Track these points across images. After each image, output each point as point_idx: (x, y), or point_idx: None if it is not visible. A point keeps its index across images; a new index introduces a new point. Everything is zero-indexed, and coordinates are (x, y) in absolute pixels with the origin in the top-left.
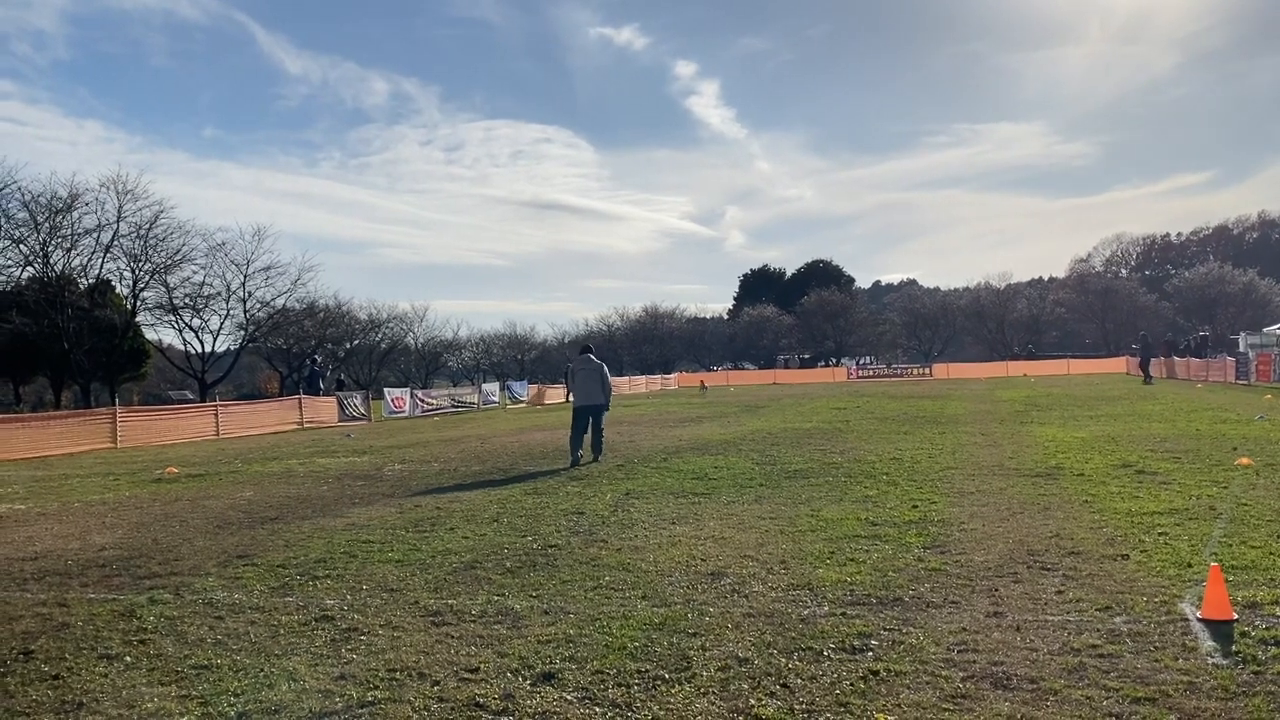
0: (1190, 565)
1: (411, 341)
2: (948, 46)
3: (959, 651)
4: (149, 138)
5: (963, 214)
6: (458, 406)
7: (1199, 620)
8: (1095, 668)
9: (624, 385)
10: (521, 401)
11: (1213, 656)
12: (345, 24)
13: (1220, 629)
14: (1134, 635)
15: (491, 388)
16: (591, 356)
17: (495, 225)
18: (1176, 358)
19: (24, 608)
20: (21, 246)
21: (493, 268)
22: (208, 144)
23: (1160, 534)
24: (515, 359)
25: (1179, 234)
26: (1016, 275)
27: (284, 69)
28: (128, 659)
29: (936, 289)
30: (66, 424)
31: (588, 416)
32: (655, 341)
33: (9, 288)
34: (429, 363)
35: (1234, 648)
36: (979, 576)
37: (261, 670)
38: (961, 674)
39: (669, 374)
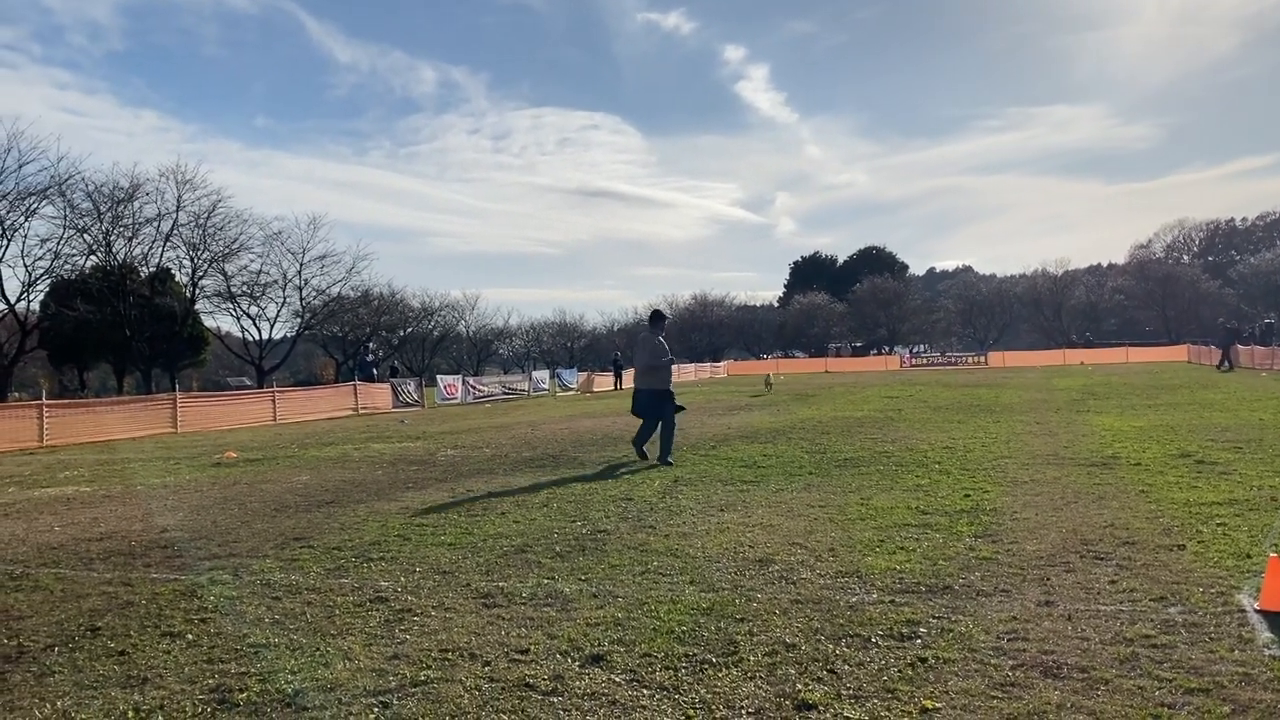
0: (1249, 556)
1: (463, 329)
2: (1000, 27)
3: (1009, 640)
4: (203, 127)
5: (1019, 199)
6: (508, 394)
7: (1256, 612)
8: (1148, 658)
9: (673, 373)
10: (571, 389)
11: (1270, 648)
12: (393, 12)
13: (1278, 620)
14: (1189, 626)
15: (542, 375)
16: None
17: (544, 213)
18: (1240, 345)
19: (91, 586)
20: (85, 236)
21: (542, 256)
22: (260, 133)
23: (1219, 524)
24: (565, 347)
25: (1244, 219)
26: (1074, 262)
27: (333, 58)
28: (189, 636)
29: (992, 276)
30: (129, 409)
31: (643, 404)
32: (704, 329)
33: (74, 276)
34: (480, 350)
35: None
36: (1031, 566)
37: (318, 649)
38: (1011, 662)
39: (718, 362)
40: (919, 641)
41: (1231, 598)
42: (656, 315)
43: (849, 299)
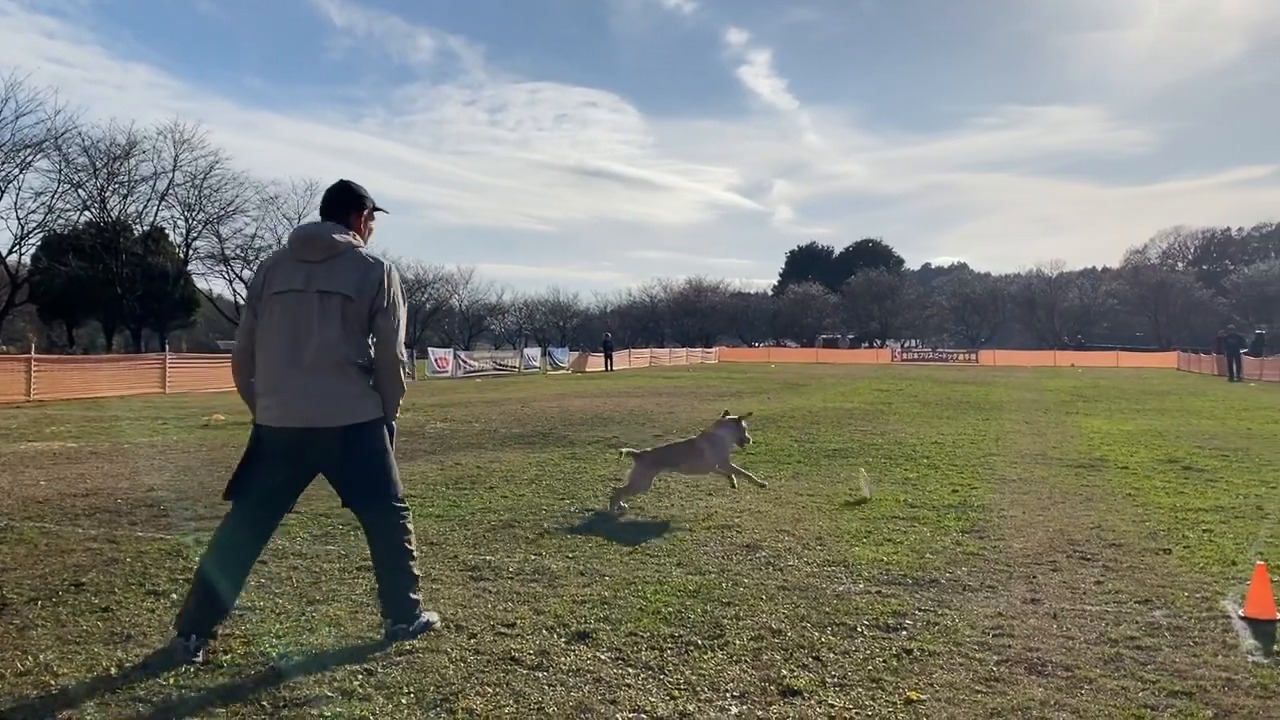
0: (1234, 563)
1: (456, 303)
2: (1000, 25)
3: (994, 635)
4: (196, 85)
5: (1014, 198)
6: (499, 370)
7: (1241, 618)
8: (1132, 659)
9: (664, 356)
10: (563, 368)
11: (1253, 655)
12: None
13: (1262, 628)
14: (1173, 629)
15: (533, 353)
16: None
17: (540, 190)
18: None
19: (75, 542)
20: (80, 191)
21: (537, 233)
22: (253, 95)
23: (1205, 530)
24: (557, 325)
25: (1240, 229)
26: (1070, 264)
27: (329, 19)
28: (174, 596)
29: (987, 274)
30: (117, 367)
31: (287, 473)
32: (697, 315)
33: (67, 231)
34: (472, 325)
35: (1276, 647)
36: (1017, 563)
37: (303, 615)
38: (996, 657)
39: (710, 348)
40: (904, 633)
41: (1216, 603)
42: (344, 195)
43: (843, 290)
